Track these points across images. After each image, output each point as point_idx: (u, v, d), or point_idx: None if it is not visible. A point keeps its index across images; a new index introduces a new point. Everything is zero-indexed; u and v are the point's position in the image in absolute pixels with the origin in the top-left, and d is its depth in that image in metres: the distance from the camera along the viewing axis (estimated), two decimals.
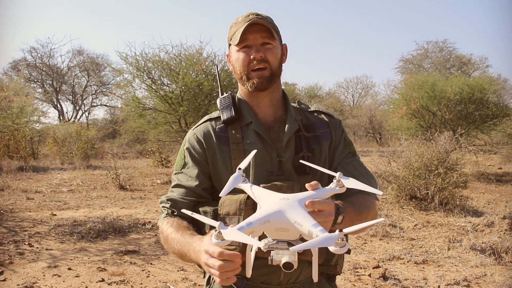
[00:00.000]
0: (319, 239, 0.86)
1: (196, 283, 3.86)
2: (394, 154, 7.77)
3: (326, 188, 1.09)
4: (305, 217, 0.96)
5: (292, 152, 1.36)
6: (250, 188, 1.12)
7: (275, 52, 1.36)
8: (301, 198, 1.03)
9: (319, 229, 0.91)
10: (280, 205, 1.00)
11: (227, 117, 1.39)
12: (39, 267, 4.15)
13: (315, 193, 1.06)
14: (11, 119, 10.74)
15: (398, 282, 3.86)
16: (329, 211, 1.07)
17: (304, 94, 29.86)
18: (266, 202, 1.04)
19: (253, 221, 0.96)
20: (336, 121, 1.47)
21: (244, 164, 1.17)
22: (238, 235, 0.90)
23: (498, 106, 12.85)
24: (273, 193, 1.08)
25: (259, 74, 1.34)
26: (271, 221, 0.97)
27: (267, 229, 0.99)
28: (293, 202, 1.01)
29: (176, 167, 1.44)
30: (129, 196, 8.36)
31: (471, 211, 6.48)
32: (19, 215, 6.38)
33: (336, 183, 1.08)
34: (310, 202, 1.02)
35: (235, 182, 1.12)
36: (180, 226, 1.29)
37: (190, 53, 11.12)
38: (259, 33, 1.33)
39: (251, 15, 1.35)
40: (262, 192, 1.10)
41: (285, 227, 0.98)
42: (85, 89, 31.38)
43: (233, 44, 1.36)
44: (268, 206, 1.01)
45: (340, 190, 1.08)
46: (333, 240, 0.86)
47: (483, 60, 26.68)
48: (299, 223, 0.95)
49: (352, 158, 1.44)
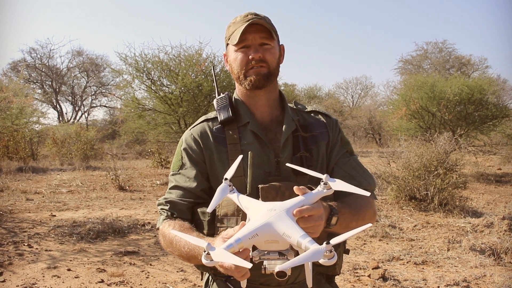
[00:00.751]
0: (306, 254, 0.86)
1: (195, 284, 3.86)
2: (393, 155, 7.78)
3: (313, 192, 1.08)
4: (293, 228, 0.96)
5: (290, 152, 1.36)
6: (237, 198, 1.12)
7: (273, 52, 1.36)
8: (288, 207, 1.02)
9: (308, 240, 0.91)
10: (267, 217, 0.99)
11: (224, 117, 1.38)
12: (39, 268, 4.15)
13: (303, 199, 1.06)
14: (11, 120, 10.75)
15: (398, 283, 3.86)
16: (318, 215, 1.07)
17: (303, 95, 29.88)
18: (253, 213, 1.04)
19: (242, 237, 0.96)
20: (333, 121, 1.47)
21: (230, 173, 1.16)
22: (226, 257, 0.89)
23: (497, 107, 12.85)
24: (260, 203, 1.07)
25: (256, 71, 1.33)
26: (260, 234, 0.97)
27: (257, 242, 0.99)
28: (280, 213, 1.00)
29: (173, 168, 1.43)
30: (128, 197, 8.35)
31: (471, 212, 6.49)
32: (19, 216, 6.38)
33: (324, 185, 1.08)
34: (298, 211, 1.02)
35: (223, 194, 1.11)
36: (184, 228, 1.28)
37: (190, 54, 11.13)
38: (258, 33, 1.33)
39: (250, 15, 1.34)
40: (250, 202, 1.09)
41: (274, 239, 0.98)
42: (85, 90, 31.39)
43: (232, 44, 1.35)
44: (255, 219, 1.00)
45: (328, 192, 1.08)
46: (321, 254, 0.86)
47: (482, 61, 26.75)
48: (288, 235, 0.95)
49: (349, 157, 1.44)
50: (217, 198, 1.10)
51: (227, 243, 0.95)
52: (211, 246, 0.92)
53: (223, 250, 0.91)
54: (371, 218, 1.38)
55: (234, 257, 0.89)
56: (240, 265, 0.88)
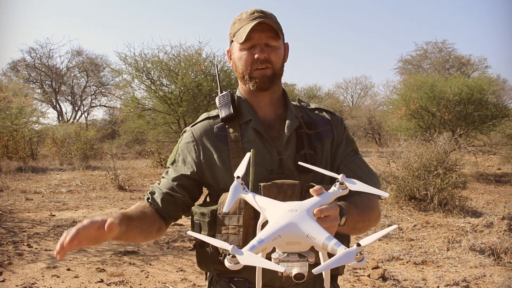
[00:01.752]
0: (339, 257, 0.84)
1: (195, 284, 3.86)
2: (393, 155, 7.77)
3: (330, 192, 1.05)
4: (317, 229, 0.94)
5: (293, 150, 1.34)
6: (254, 198, 1.08)
7: (279, 53, 1.34)
8: (308, 207, 1.00)
9: (334, 242, 0.89)
10: (289, 218, 0.96)
11: (225, 114, 1.36)
12: (38, 267, 4.15)
13: (320, 199, 1.03)
14: (10, 119, 10.74)
15: (397, 283, 3.86)
16: (335, 215, 1.05)
17: (303, 95, 29.86)
18: (272, 214, 1.00)
19: (264, 238, 0.93)
20: (338, 118, 1.45)
21: (241, 170, 1.12)
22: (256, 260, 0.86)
23: (497, 107, 12.85)
24: (278, 203, 1.04)
25: (261, 73, 1.32)
26: (282, 236, 0.94)
27: (278, 244, 0.96)
28: (302, 214, 0.97)
29: (169, 161, 1.44)
30: (128, 196, 8.35)
31: (470, 212, 6.49)
32: (18, 215, 6.37)
33: (339, 185, 1.05)
34: (318, 210, 1.00)
35: (237, 193, 1.07)
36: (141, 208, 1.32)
37: (189, 53, 11.14)
38: (264, 32, 1.31)
39: (256, 13, 1.32)
40: (267, 202, 1.06)
41: (297, 241, 0.95)
42: (84, 89, 31.38)
43: (237, 42, 1.33)
44: (276, 220, 0.97)
45: (343, 193, 1.05)
46: (353, 256, 0.84)
47: (482, 61, 26.71)
48: (312, 237, 0.93)
49: (355, 156, 1.42)
50: (231, 197, 1.05)
51: (250, 244, 0.91)
52: (237, 249, 0.88)
53: (251, 253, 0.87)
54: (376, 218, 1.36)
55: (264, 261, 0.86)
56: (272, 269, 0.85)
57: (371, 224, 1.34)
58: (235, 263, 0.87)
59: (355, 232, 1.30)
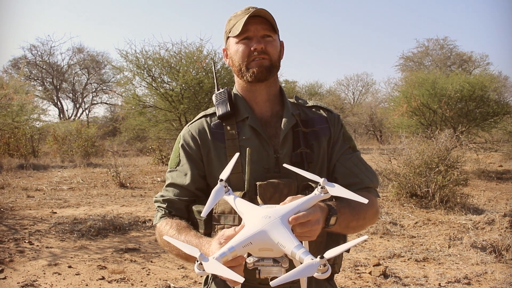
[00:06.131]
0: (300, 269, 0.84)
1: (196, 281, 3.86)
2: (394, 152, 7.76)
3: (309, 197, 1.05)
4: (288, 237, 0.94)
5: (290, 148, 1.33)
6: (234, 201, 1.09)
7: (275, 45, 1.34)
8: (283, 214, 1.00)
9: (302, 251, 0.89)
10: (261, 225, 0.97)
11: (222, 112, 1.36)
12: (39, 265, 4.15)
13: (299, 204, 1.03)
14: (11, 117, 10.73)
15: (399, 280, 3.86)
16: (315, 219, 1.04)
17: (304, 92, 29.82)
18: (248, 219, 1.02)
19: (235, 245, 0.95)
20: (335, 116, 1.44)
21: (225, 174, 1.13)
22: (218, 269, 0.88)
23: (498, 104, 12.81)
24: (256, 209, 1.05)
25: (258, 63, 1.31)
26: (254, 243, 0.96)
27: (251, 250, 0.98)
28: (275, 221, 0.98)
29: (171, 164, 1.41)
30: (129, 194, 8.36)
31: (472, 209, 6.48)
32: (19, 213, 6.39)
33: (321, 189, 1.04)
34: (293, 219, 0.99)
35: (218, 196, 1.09)
36: (182, 227, 1.27)
37: (191, 50, 11.11)
38: (260, 25, 1.31)
39: (251, 8, 1.32)
40: (245, 206, 1.07)
41: (268, 248, 0.97)
42: (85, 87, 31.35)
43: (233, 36, 1.32)
44: (249, 227, 0.98)
45: (325, 197, 1.05)
46: (315, 268, 0.84)
47: (483, 58, 26.59)
48: (282, 245, 0.94)
49: (352, 153, 1.41)
50: (211, 200, 1.07)
51: (220, 251, 0.93)
52: (204, 257, 0.91)
53: (216, 262, 0.90)
54: (372, 217, 1.35)
55: (226, 270, 0.88)
56: (232, 278, 0.86)
57: (367, 222, 1.34)
58: (202, 269, 0.90)
59: (350, 231, 1.30)
